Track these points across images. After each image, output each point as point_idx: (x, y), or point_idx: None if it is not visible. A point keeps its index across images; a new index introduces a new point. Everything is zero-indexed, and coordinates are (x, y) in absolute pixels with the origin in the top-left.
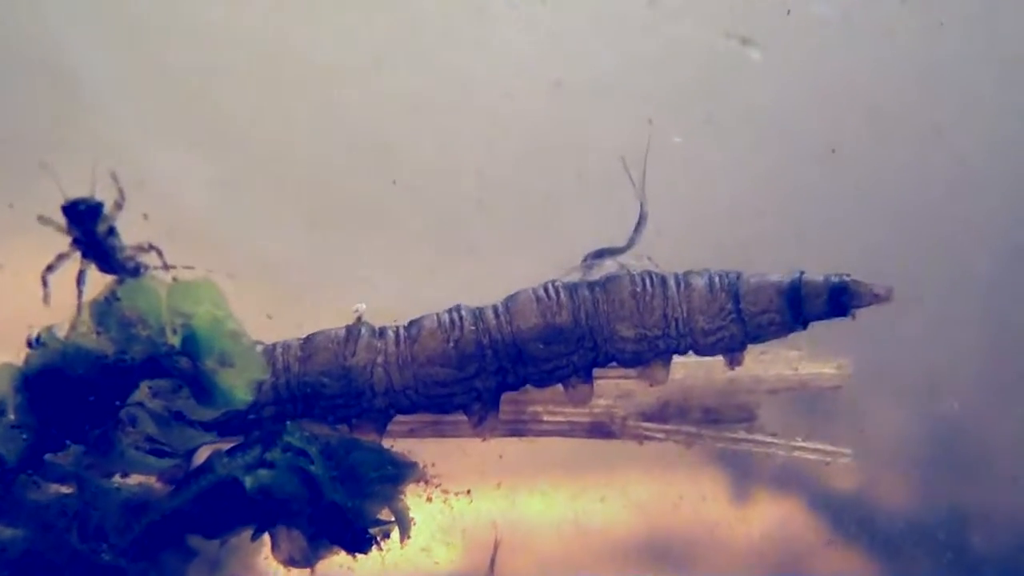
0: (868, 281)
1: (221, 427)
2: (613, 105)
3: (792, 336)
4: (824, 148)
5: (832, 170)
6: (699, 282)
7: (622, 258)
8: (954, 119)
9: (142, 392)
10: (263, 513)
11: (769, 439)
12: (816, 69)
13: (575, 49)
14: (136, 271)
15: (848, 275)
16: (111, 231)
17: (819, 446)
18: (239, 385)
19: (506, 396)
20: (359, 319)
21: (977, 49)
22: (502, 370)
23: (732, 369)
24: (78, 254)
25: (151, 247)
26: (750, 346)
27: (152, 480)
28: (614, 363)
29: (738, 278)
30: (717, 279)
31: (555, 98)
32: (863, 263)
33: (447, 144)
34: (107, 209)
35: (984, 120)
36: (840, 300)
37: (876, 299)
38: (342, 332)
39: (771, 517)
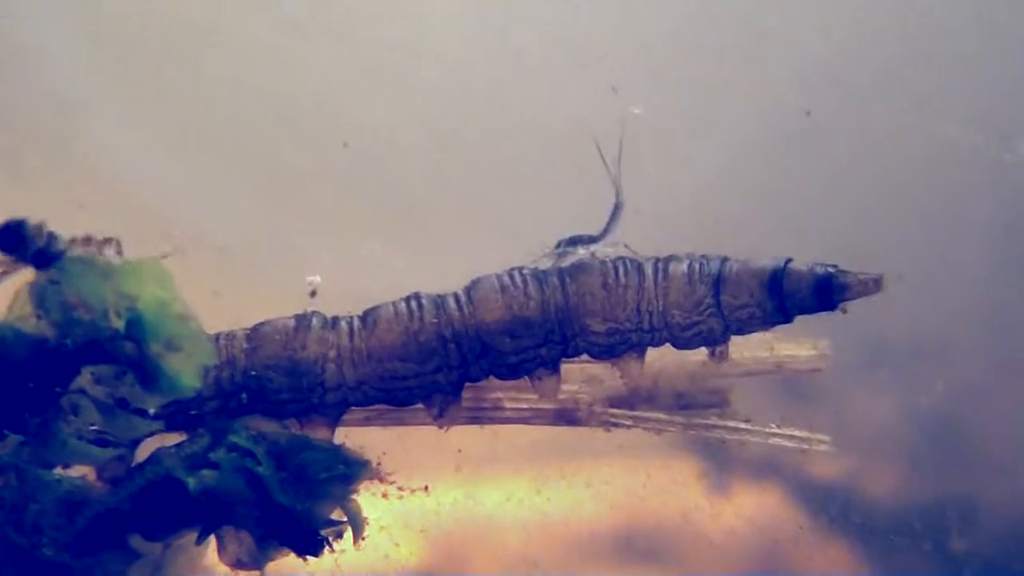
0: (856, 271)
1: (167, 418)
2: (574, 72)
3: None
4: (798, 113)
5: (809, 144)
6: (678, 270)
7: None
8: (934, 90)
9: (84, 378)
10: (209, 514)
11: (743, 425)
12: (791, 38)
13: (532, 12)
14: None
15: (835, 266)
16: (51, 238)
17: (796, 432)
18: (186, 371)
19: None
20: (313, 293)
21: (958, 17)
22: (465, 363)
23: (715, 362)
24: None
25: (107, 239)
26: None
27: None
28: (584, 356)
29: (722, 264)
30: (698, 267)
31: (512, 63)
32: (844, 241)
33: (401, 113)
34: (32, 222)
35: (964, 92)
36: (827, 294)
37: (865, 290)
38: (291, 322)
39: (746, 507)
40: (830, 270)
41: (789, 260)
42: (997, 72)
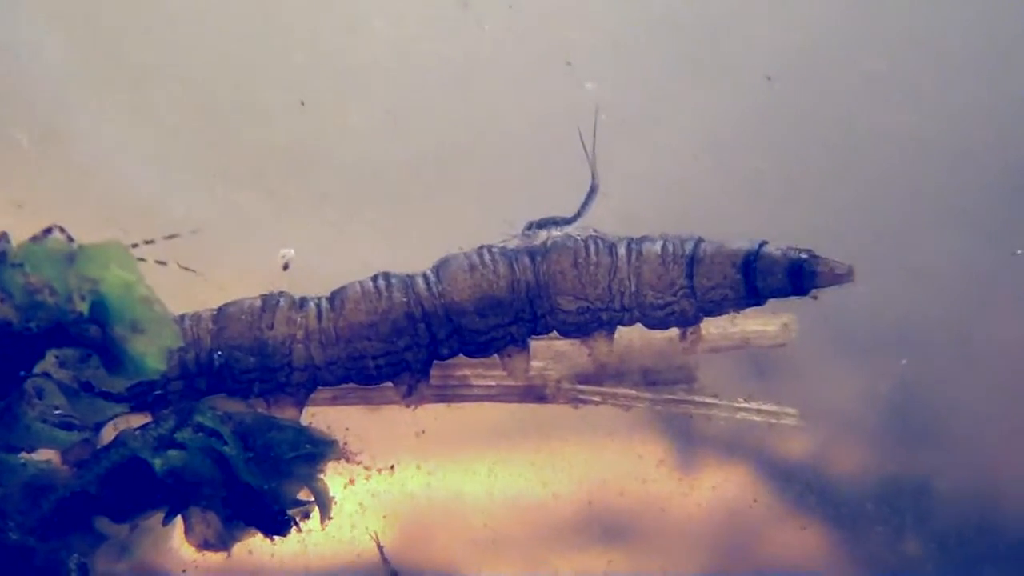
0: (829, 258)
1: (132, 400)
2: (539, 50)
3: None
4: (768, 97)
5: (778, 129)
6: (652, 250)
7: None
8: (888, 70)
9: (48, 362)
10: (175, 494)
11: (711, 400)
12: (762, 21)
13: None
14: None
15: (809, 251)
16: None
17: (763, 407)
18: (151, 353)
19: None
20: (286, 266)
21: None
22: (434, 341)
23: (687, 343)
24: None
25: (50, 229)
26: None
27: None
28: (554, 333)
29: (696, 245)
30: (672, 247)
31: (464, 25)
32: (812, 224)
33: (358, 82)
34: None
35: (922, 70)
36: (799, 279)
37: (837, 279)
38: (258, 303)
39: (710, 486)
40: (804, 255)
41: (764, 243)
42: (968, 58)
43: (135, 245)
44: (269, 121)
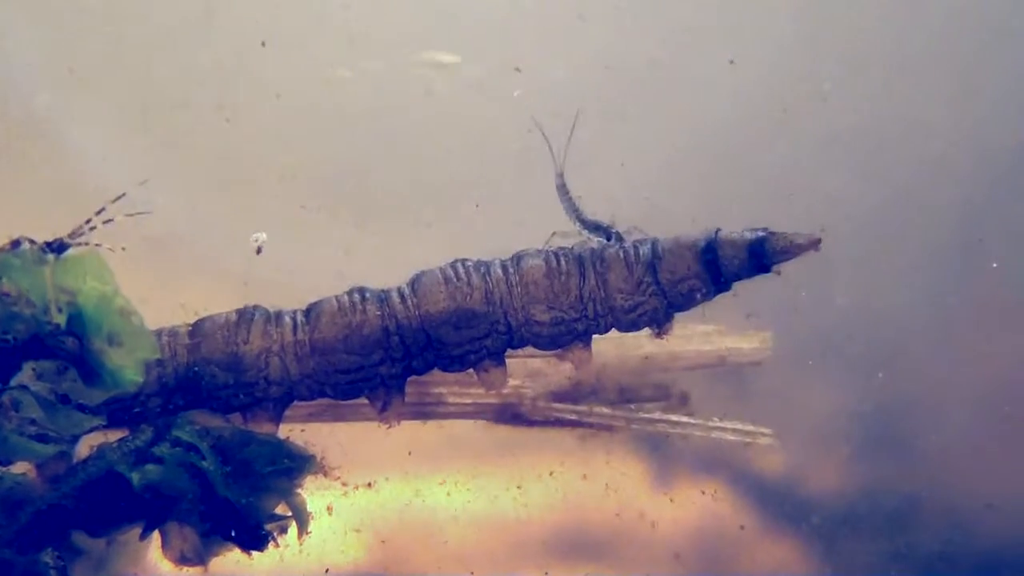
0: (790, 232)
1: (110, 415)
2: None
3: (709, 309)
4: (723, 60)
5: (756, 134)
6: (613, 255)
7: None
8: (840, 82)
9: (26, 374)
10: (152, 509)
11: (686, 419)
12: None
13: None
14: None
15: (766, 228)
16: None
17: (739, 426)
18: (129, 365)
19: (409, 378)
20: (259, 250)
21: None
22: (409, 355)
23: (661, 338)
24: None
25: (18, 241)
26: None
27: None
28: (529, 346)
29: (652, 246)
30: (632, 250)
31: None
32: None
33: (344, 94)
34: None
35: (938, 74)
36: (760, 257)
37: (801, 249)
38: (233, 317)
39: (691, 502)
40: (761, 233)
41: (718, 230)
42: (953, 56)
43: (88, 221)
44: (249, 124)
